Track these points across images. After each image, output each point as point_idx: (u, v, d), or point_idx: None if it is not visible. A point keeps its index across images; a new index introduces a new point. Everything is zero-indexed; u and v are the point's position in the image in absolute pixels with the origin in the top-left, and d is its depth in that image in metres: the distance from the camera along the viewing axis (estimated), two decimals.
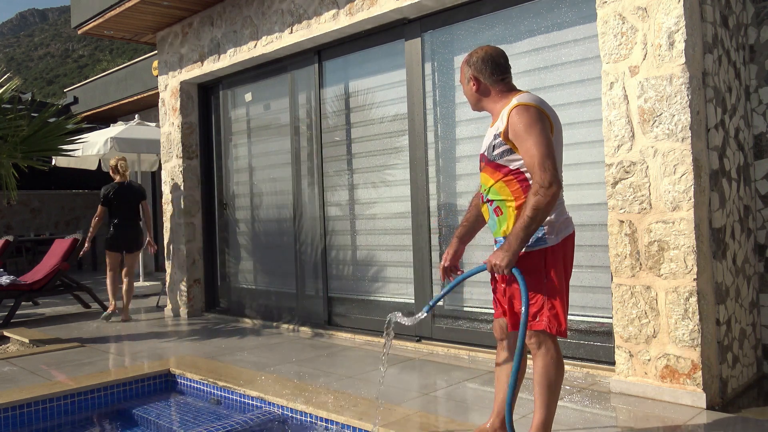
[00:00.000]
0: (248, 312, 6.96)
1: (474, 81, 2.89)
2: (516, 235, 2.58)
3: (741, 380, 3.84)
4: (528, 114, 2.65)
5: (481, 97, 2.91)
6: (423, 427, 3.27)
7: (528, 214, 2.56)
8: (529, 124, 2.63)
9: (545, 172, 2.56)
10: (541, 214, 2.56)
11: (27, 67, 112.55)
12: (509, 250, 2.59)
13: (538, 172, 2.57)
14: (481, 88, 2.89)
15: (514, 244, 2.58)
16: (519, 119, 2.65)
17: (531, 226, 2.57)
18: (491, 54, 2.88)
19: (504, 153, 2.73)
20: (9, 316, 7.06)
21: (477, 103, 2.95)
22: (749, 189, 4.11)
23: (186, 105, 7.48)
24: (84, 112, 13.76)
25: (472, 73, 2.90)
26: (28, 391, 4.13)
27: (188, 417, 4.10)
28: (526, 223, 2.57)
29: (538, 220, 2.57)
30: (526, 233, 2.58)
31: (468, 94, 2.96)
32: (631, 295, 3.70)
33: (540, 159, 2.57)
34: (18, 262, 13.20)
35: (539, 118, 2.66)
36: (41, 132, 6.17)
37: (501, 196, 2.76)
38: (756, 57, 4.15)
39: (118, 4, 6.81)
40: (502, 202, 2.76)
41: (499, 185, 2.76)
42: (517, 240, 2.58)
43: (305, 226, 6.33)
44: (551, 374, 2.74)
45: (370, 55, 5.72)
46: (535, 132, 2.61)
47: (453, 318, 5.06)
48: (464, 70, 2.94)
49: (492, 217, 2.82)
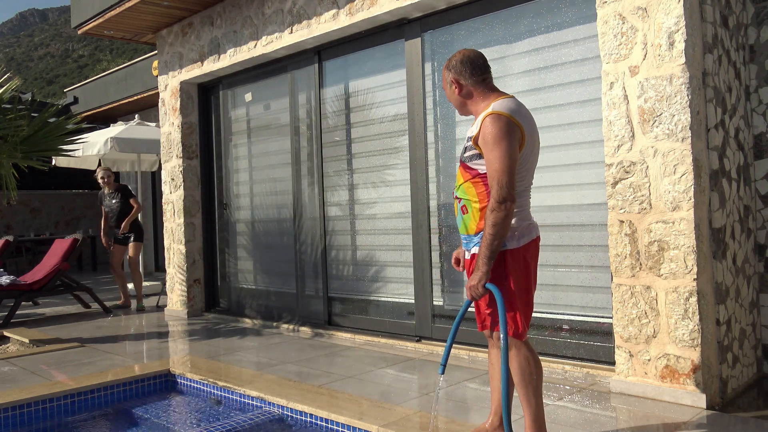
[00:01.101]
0: (248, 312, 6.96)
1: (456, 84, 2.90)
2: (482, 255, 2.65)
3: (741, 380, 3.84)
4: (499, 125, 2.65)
5: (465, 100, 2.92)
6: (423, 427, 3.27)
7: (489, 231, 2.62)
8: (496, 136, 2.63)
9: (501, 189, 2.61)
10: (500, 229, 2.62)
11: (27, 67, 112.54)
12: (478, 270, 2.66)
13: (495, 187, 2.63)
14: (464, 90, 2.89)
15: (482, 265, 2.65)
16: (490, 129, 2.66)
17: (494, 242, 2.63)
18: (469, 55, 2.90)
19: (473, 157, 2.77)
20: (9, 316, 7.06)
21: (462, 107, 2.95)
22: (749, 189, 4.11)
23: (186, 105, 7.48)
24: (84, 112, 13.76)
25: (452, 76, 2.90)
26: (28, 391, 4.13)
27: (188, 417, 4.10)
28: (488, 240, 2.63)
29: (499, 235, 2.63)
30: (491, 250, 2.64)
31: (452, 98, 2.96)
32: (631, 295, 3.70)
33: (498, 174, 2.62)
34: (18, 262, 13.19)
35: (508, 131, 2.64)
36: (41, 132, 6.17)
37: (468, 196, 2.82)
38: (756, 57, 4.15)
39: (118, 4, 6.81)
40: (468, 202, 2.82)
41: (467, 185, 2.82)
42: (484, 259, 2.64)
43: (305, 226, 6.33)
44: (526, 372, 2.79)
45: (370, 55, 5.72)
46: (500, 145, 2.62)
47: (453, 318, 5.06)
48: (445, 75, 2.95)
49: (459, 214, 2.89)
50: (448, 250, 5.07)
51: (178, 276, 7.47)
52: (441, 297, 5.16)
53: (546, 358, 4.31)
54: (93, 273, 13.68)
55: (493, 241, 2.62)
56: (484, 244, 2.64)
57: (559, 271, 4.41)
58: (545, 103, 4.46)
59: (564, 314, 4.39)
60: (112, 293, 9.73)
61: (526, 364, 2.79)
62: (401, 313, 5.48)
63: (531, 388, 2.79)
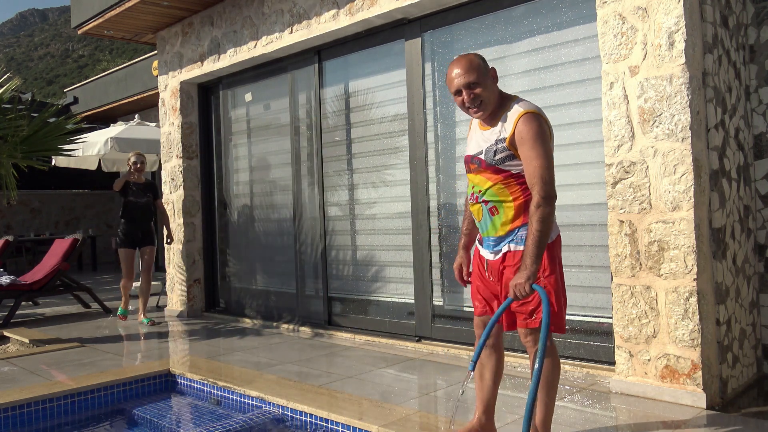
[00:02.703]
0: (248, 312, 6.96)
1: (493, 77, 2.79)
2: (531, 254, 2.59)
3: (741, 380, 3.84)
4: (537, 123, 2.67)
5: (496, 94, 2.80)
6: (423, 427, 3.27)
7: (538, 228, 2.58)
8: (537, 134, 2.65)
9: (546, 185, 2.60)
10: (548, 226, 2.60)
11: (27, 67, 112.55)
12: (527, 269, 2.59)
13: (540, 185, 2.60)
14: (497, 83, 2.82)
15: (530, 263, 2.58)
16: (528, 128, 2.65)
17: (542, 239, 2.59)
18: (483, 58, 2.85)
19: (507, 158, 2.73)
20: (9, 316, 7.06)
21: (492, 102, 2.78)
22: (749, 189, 4.11)
23: (186, 105, 7.48)
24: (84, 112, 13.76)
25: (491, 71, 2.79)
26: (28, 391, 4.13)
27: (188, 417, 4.11)
28: (537, 238, 2.58)
29: (547, 232, 2.60)
30: (540, 249, 2.59)
31: (491, 90, 2.76)
32: (631, 295, 3.70)
33: (542, 171, 2.61)
34: (18, 262, 13.20)
35: (545, 129, 2.69)
36: (41, 132, 6.17)
37: (499, 197, 2.77)
38: (756, 57, 4.15)
39: (118, 4, 6.81)
40: (500, 203, 2.77)
41: (498, 187, 2.76)
42: (533, 258, 2.58)
43: (305, 226, 6.33)
44: (549, 372, 2.77)
45: (370, 55, 5.72)
46: (540, 143, 2.64)
47: (453, 318, 5.06)
48: (480, 65, 2.75)
49: (486, 216, 2.82)
50: (448, 250, 5.07)
51: (178, 276, 7.47)
52: (441, 297, 5.16)
53: None
54: (93, 273, 13.68)
55: (542, 238, 2.58)
56: (533, 242, 2.58)
57: None
58: (545, 103, 4.45)
59: None
60: (111, 293, 9.73)
61: (550, 364, 2.78)
62: (401, 313, 5.48)
63: (550, 388, 2.79)
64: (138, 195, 6.95)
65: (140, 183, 7.03)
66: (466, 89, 2.75)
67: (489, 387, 2.98)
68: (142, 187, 7.03)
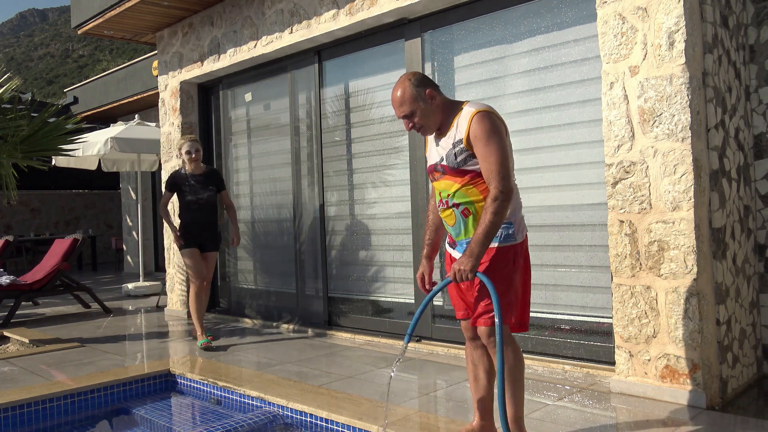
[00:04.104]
0: (248, 312, 6.96)
1: (432, 97, 2.84)
2: (479, 241, 2.65)
3: (741, 380, 3.84)
4: (488, 120, 2.74)
5: (438, 111, 2.88)
6: (423, 427, 3.27)
7: (490, 219, 2.64)
8: (489, 131, 2.72)
9: (503, 179, 2.67)
10: (501, 219, 2.67)
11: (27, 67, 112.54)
12: (472, 255, 2.65)
13: (497, 179, 2.67)
14: (436, 101, 2.87)
15: (477, 250, 2.65)
16: (481, 126, 2.72)
17: (492, 231, 2.66)
18: (423, 74, 2.93)
19: (467, 158, 2.78)
20: (9, 316, 7.06)
21: (437, 118, 2.86)
22: (749, 189, 4.11)
23: (186, 105, 7.48)
24: (84, 112, 13.76)
25: (428, 89, 2.85)
26: (28, 391, 4.13)
27: (188, 417, 4.11)
28: (488, 228, 2.65)
29: (498, 225, 2.67)
30: (489, 238, 2.67)
31: (428, 112, 2.84)
32: (631, 295, 3.70)
33: (497, 166, 2.68)
34: (18, 262, 13.20)
35: (498, 125, 2.76)
36: (41, 132, 6.17)
37: (469, 198, 2.81)
38: (756, 57, 4.15)
39: (118, 4, 6.81)
40: (470, 203, 2.81)
41: (466, 188, 2.81)
42: (480, 246, 2.65)
43: (305, 226, 6.33)
44: (515, 368, 2.83)
45: (370, 55, 5.72)
46: (494, 139, 2.71)
47: (453, 318, 5.06)
48: (413, 94, 2.82)
49: (459, 219, 2.86)
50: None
51: (178, 276, 7.47)
52: (441, 297, 5.16)
53: (546, 358, 4.31)
54: (93, 273, 13.68)
55: (492, 230, 2.65)
56: (483, 232, 2.64)
57: (559, 271, 4.41)
58: (545, 103, 4.46)
59: (564, 314, 4.39)
60: (111, 293, 9.74)
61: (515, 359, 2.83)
62: (401, 313, 5.48)
63: (517, 383, 2.84)
64: (197, 191, 5.66)
65: (198, 174, 5.71)
66: (403, 119, 2.90)
67: (484, 387, 3.00)
68: (202, 178, 5.70)
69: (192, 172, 5.70)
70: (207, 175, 5.75)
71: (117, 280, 11.77)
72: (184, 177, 5.68)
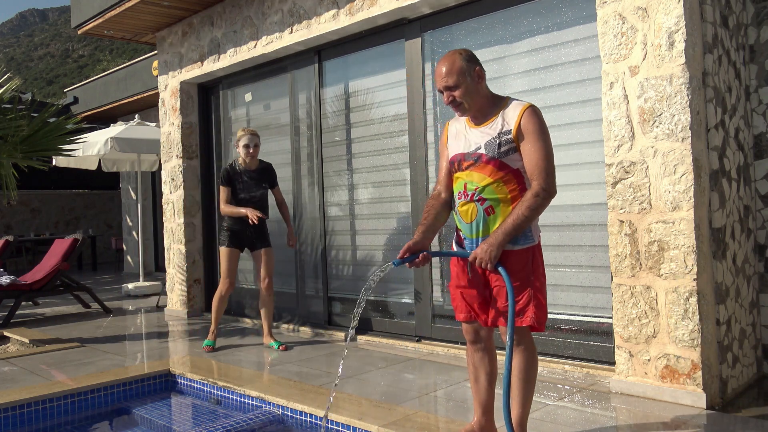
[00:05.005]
0: (248, 312, 6.96)
1: (479, 75, 2.77)
2: (506, 232, 2.61)
3: (741, 380, 3.84)
4: (540, 118, 2.73)
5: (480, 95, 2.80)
6: (423, 427, 3.27)
7: (525, 213, 2.60)
8: (541, 127, 2.70)
9: (549, 177, 2.64)
10: (535, 216, 2.64)
11: (27, 67, 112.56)
12: (495, 244, 2.60)
13: (542, 176, 2.63)
14: (482, 83, 2.81)
15: (502, 239, 2.61)
16: (533, 121, 2.69)
17: (523, 224, 2.61)
18: (471, 51, 2.84)
19: (510, 151, 2.71)
20: (9, 316, 7.06)
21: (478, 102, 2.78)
22: (749, 189, 4.11)
23: (186, 105, 7.48)
24: (84, 112, 13.76)
25: (476, 68, 2.77)
26: (28, 391, 4.13)
27: (188, 417, 4.11)
28: (520, 221, 2.60)
29: (530, 221, 2.63)
30: (517, 231, 2.62)
31: (471, 91, 2.75)
32: (631, 295, 3.70)
33: (546, 164, 2.65)
34: (18, 262, 13.20)
35: (546, 124, 2.74)
36: (41, 132, 6.17)
37: (498, 195, 2.73)
38: (756, 57, 4.15)
39: (118, 4, 6.81)
40: (497, 202, 2.73)
41: (497, 184, 2.72)
42: (506, 236, 2.61)
43: (305, 226, 6.33)
44: (530, 370, 2.79)
45: (370, 55, 5.72)
46: (545, 136, 2.70)
47: (453, 318, 5.06)
48: (462, 67, 2.74)
49: (481, 216, 2.75)
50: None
51: (178, 276, 7.47)
52: (441, 297, 5.16)
53: (546, 358, 4.31)
54: (93, 273, 13.68)
55: (524, 224, 2.60)
56: (513, 224, 2.58)
57: (559, 271, 4.41)
58: (545, 103, 4.45)
59: (564, 314, 4.39)
60: (111, 293, 9.74)
61: (531, 362, 2.79)
62: (401, 313, 5.48)
63: (529, 386, 2.81)
64: (250, 188, 5.42)
65: (252, 170, 5.44)
66: (446, 90, 2.80)
67: (485, 388, 2.97)
68: (256, 174, 5.44)
69: (247, 167, 5.43)
70: (261, 171, 5.50)
71: (117, 280, 11.77)
72: (238, 173, 5.40)
